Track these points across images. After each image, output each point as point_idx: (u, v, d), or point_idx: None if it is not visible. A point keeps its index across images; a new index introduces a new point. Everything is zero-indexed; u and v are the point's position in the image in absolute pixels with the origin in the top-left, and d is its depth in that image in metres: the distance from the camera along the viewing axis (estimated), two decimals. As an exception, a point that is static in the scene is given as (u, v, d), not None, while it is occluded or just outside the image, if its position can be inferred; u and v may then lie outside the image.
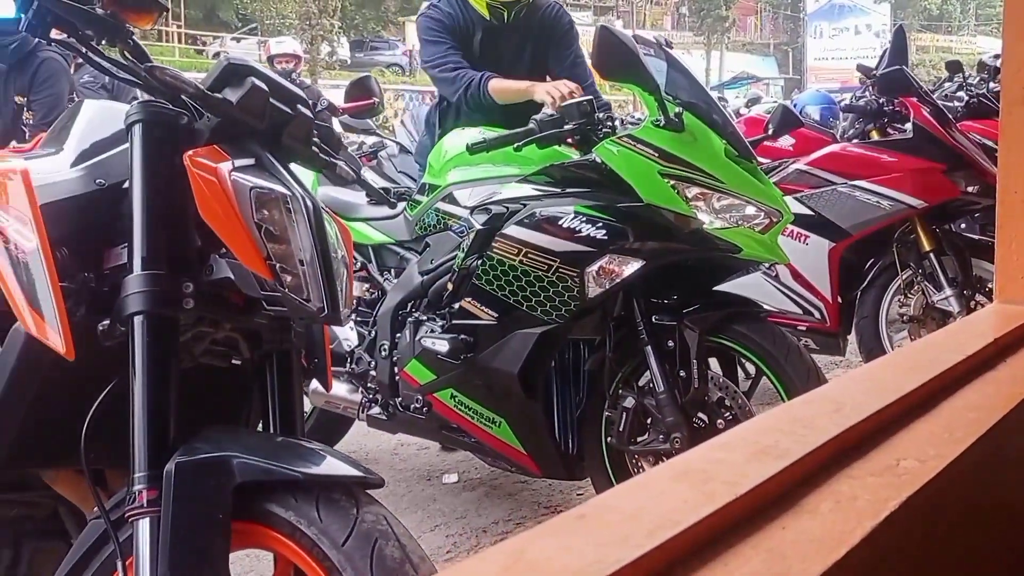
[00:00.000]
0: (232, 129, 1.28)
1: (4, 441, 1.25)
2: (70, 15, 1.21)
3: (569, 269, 2.10)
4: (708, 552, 0.57)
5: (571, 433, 2.36)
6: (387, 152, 4.46)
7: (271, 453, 1.13)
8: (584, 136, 2.24)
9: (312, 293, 1.21)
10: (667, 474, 0.66)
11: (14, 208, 1.23)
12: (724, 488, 0.62)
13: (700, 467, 0.66)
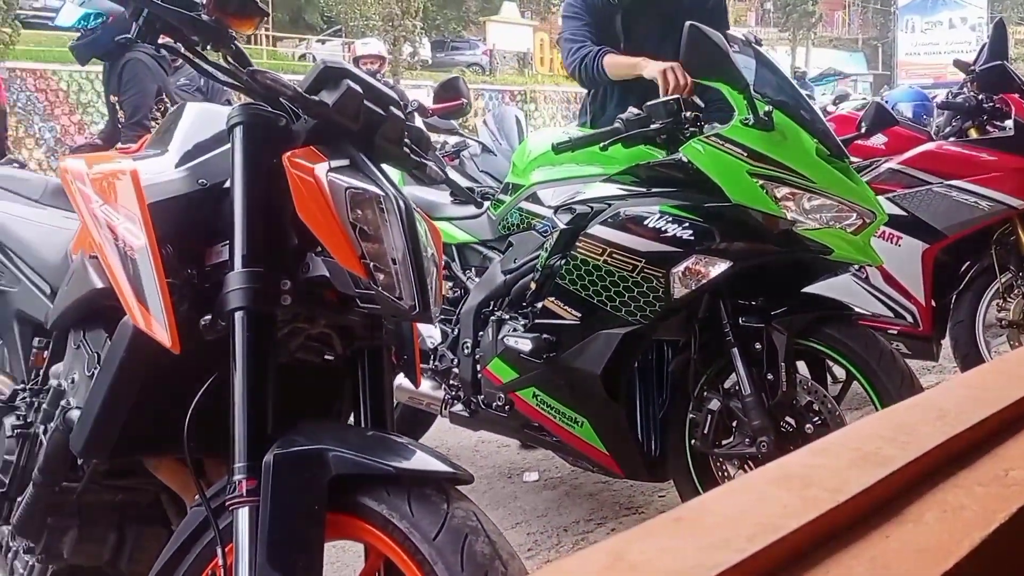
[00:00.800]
0: (328, 130, 1.32)
1: (113, 430, 1.31)
2: (178, 22, 1.25)
3: (654, 269, 2.09)
4: (809, 559, 0.56)
5: (654, 434, 2.35)
6: (469, 152, 4.48)
7: (364, 447, 1.15)
8: (670, 135, 2.22)
9: (404, 291, 1.23)
10: (765, 478, 0.65)
11: (124, 207, 1.29)
12: (825, 494, 0.61)
13: (799, 472, 0.65)
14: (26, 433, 1.56)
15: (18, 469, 1.55)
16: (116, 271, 1.27)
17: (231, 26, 1.30)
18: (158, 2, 1.25)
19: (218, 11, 1.27)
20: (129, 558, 1.54)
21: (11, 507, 1.56)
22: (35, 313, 1.74)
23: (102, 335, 1.43)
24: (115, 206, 1.30)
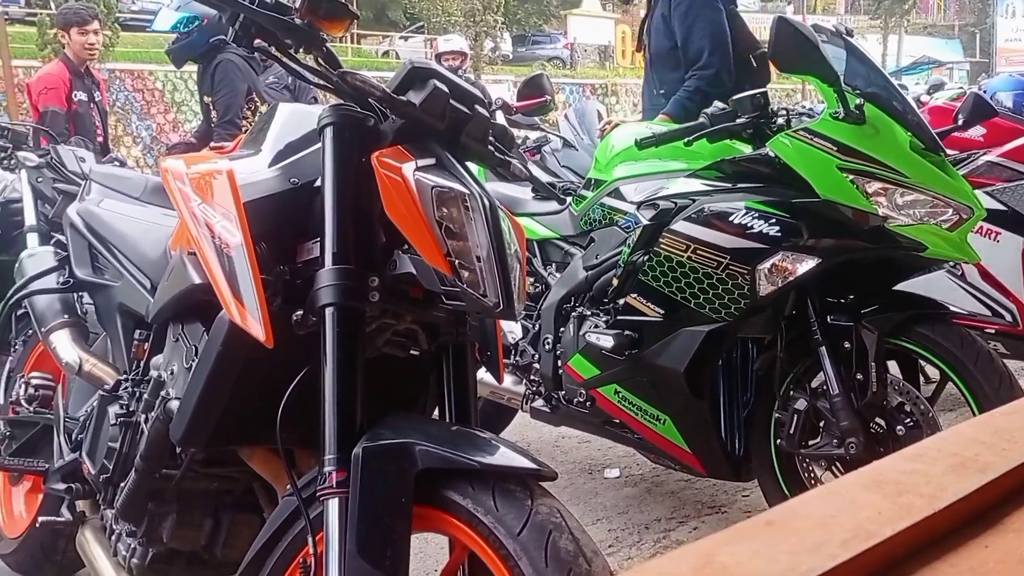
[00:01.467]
0: (415, 129, 1.34)
1: (210, 421, 1.36)
2: (272, 26, 1.29)
3: (740, 266, 2.06)
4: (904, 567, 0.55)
5: (738, 433, 2.31)
6: (551, 147, 4.49)
7: (450, 442, 1.17)
8: (757, 130, 2.18)
9: (488, 289, 1.25)
10: (858, 483, 0.64)
11: (221, 206, 1.33)
12: (921, 501, 0.60)
13: (894, 477, 0.64)
14: (129, 421, 1.63)
15: (121, 456, 1.62)
16: (213, 268, 1.31)
17: (322, 29, 1.33)
18: (253, 7, 1.29)
19: (310, 15, 1.31)
20: (224, 543, 1.60)
21: (115, 492, 1.64)
22: (136, 306, 1.82)
23: (199, 328, 1.48)
24: (212, 205, 1.35)
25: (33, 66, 15.30)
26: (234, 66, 4.08)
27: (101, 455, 1.67)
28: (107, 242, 1.96)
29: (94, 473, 1.69)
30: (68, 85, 4.30)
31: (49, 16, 15.30)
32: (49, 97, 4.24)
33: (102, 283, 1.94)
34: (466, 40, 16.39)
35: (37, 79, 4.48)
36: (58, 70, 4.42)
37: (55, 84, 4.28)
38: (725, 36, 3.03)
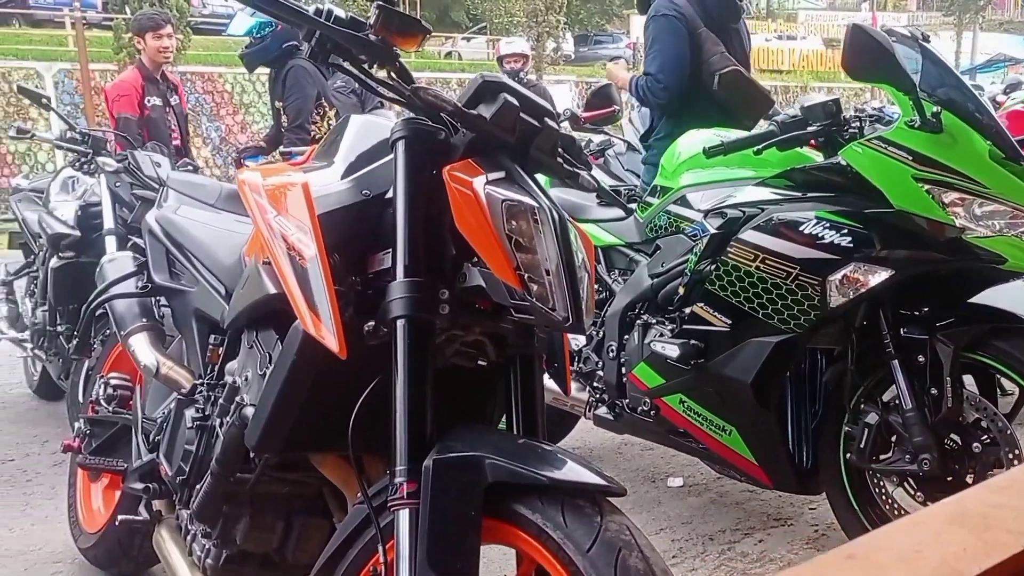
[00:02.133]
0: (485, 143, 1.34)
1: (283, 427, 1.39)
2: (347, 42, 1.32)
3: (810, 277, 2.03)
4: (993, 608, 0.54)
5: (806, 446, 2.28)
6: (614, 150, 4.46)
7: (519, 456, 1.18)
8: (828, 138, 2.15)
9: (557, 302, 1.25)
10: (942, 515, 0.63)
11: (295, 218, 1.36)
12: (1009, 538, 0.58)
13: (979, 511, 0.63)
14: (204, 425, 1.67)
15: (197, 458, 1.67)
16: (288, 279, 1.34)
17: (396, 44, 1.34)
18: (330, 24, 1.31)
19: (384, 31, 1.33)
20: (295, 547, 1.63)
21: (191, 493, 1.68)
22: (211, 312, 1.86)
23: (273, 336, 1.51)
24: (288, 217, 1.38)
25: (109, 69, 15.80)
26: (305, 72, 4.16)
27: (178, 457, 1.71)
28: (183, 248, 2.02)
29: (171, 475, 1.74)
30: (140, 91, 4.41)
31: (124, 21, 15.78)
32: (122, 104, 4.36)
33: (178, 288, 2.00)
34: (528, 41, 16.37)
35: (112, 86, 4.60)
36: (131, 77, 4.53)
37: (127, 91, 4.40)
38: (678, 60, 3.08)
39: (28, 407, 4.15)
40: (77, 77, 15.14)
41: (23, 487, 3.12)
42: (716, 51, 3.07)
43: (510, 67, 7.06)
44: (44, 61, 15.47)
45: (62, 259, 3.37)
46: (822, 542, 2.47)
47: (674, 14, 3.07)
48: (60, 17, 18.44)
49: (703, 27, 3.09)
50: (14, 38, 17.06)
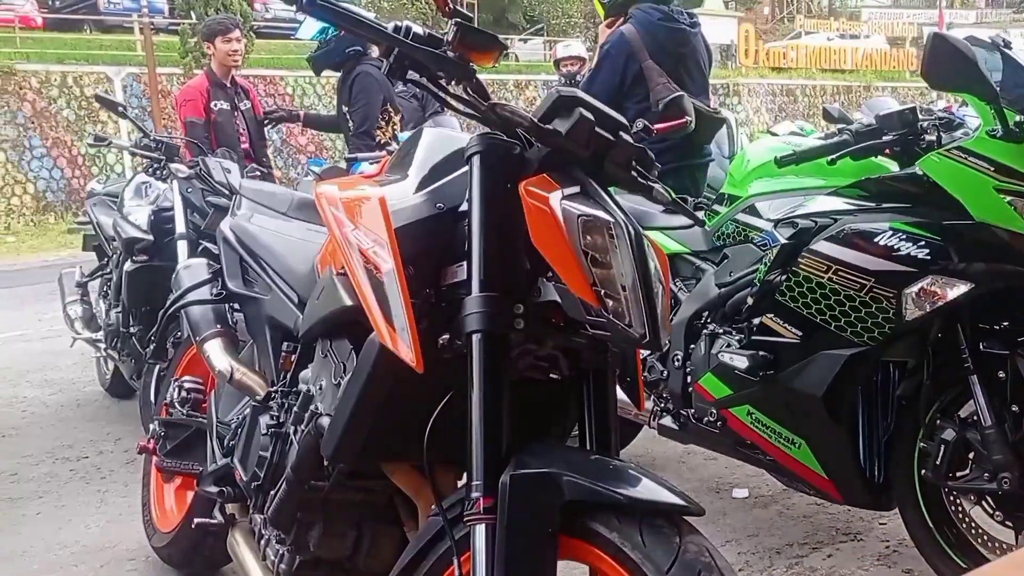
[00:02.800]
0: (560, 157, 1.34)
1: (359, 438, 1.41)
2: (426, 60, 1.33)
3: (885, 290, 1.99)
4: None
5: (877, 460, 2.23)
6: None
7: (596, 473, 1.17)
8: (904, 147, 2.10)
9: (634, 319, 1.24)
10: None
11: (373, 232, 1.38)
12: None
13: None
14: (279, 432, 1.70)
15: (271, 465, 1.70)
16: (365, 292, 1.36)
17: (473, 60, 1.35)
18: (408, 42, 1.33)
19: (462, 47, 1.33)
20: (366, 554, 1.66)
21: (265, 498, 1.72)
22: (284, 320, 1.90)
23: (347, 346, 1.53)
24: (365, 230, 1.39)
25: (175, 73, 16.20)
26: (372, 78, 4.20)
27: (252, 463, 1.75)
28: (257, 257, 2.06)
29: (245, 480, 1.77)
30: (207, 95, 4.50)
31: (191, 26, 16.15)
32: (188, 108, 4.46)
33: (252, 296, 2.04)
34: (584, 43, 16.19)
35: (181, 92, 4.74)
36: (198, 82, 4.64)
37: (194, 96, 4.50)
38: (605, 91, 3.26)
39: (100, 405, 4.28)
40: (144, 81, 15.54)
41: (98, 484, 3.21)
42: (660, 81, 3.28)
43: (567, 70, 7.06)
44: (113, 65, 15.92)
45: (136, 263, 3.47)
46: (893, 558, 2.41)
47: (617, 51, 3.33)
48: (129, 22, 18.96)
49: (648, 60, 3.30)
50: (85, 43, 17.58)
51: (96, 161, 15.44)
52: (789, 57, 26.38)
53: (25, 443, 3.71)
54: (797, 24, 31.86)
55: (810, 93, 25.45)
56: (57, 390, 4.57)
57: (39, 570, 2.55)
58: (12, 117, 14.81)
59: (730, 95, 23.98)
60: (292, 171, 17.01)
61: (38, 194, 14.88)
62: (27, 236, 13.81)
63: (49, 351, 5.44)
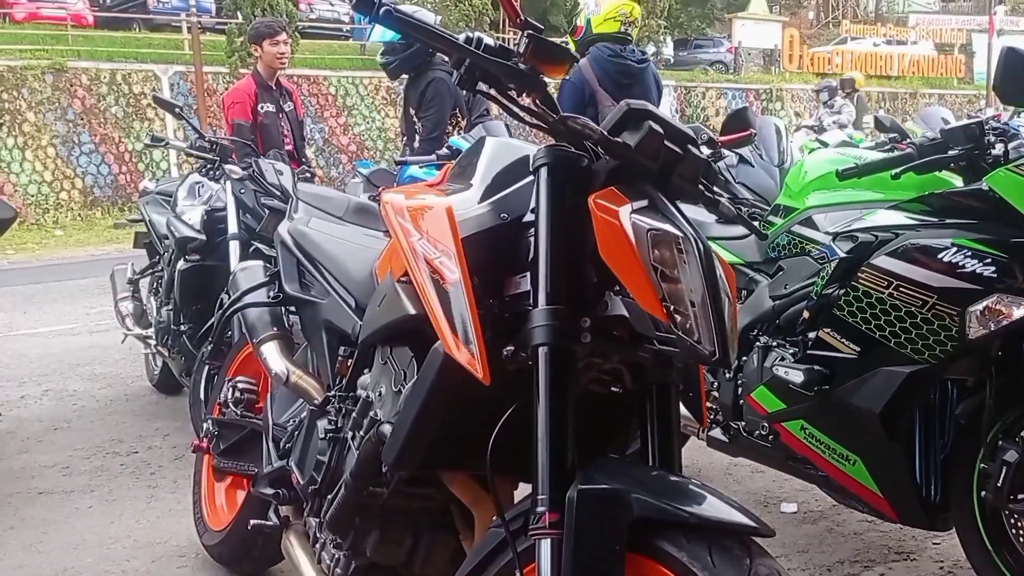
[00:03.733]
0: (627, 170, 1.34)
1: (421, 446, 1.41)
2: (497, 71, 1.33)
3: (948, 307, 1.95)
4: None
5: (934, 479, 2.19)
6: (725, 162, 4.38)
7: (664, 491, 1.16)
8: (970, 162, 2.06)
9: (703, 336, 1.23)
10: None
11: (440, 242, 1.38)
12: None
13: None
14: (337, 437, 1.71)
15: (329, 469, 1.71)
16: (432, 302, 1.36)
17: (544, 72, 1.35)
18: (480, 53, 1.33)
19: (534, 59, 1.33)
20: (422, 561, 1.66)
21: (321, 502, 1.73)
22: (341, 324, 1.91)
23: (407, 354, 1.53)
24: (431, 240, 1.40)
25: (221, 72, 16.43)
26: (445, 85, 4.21)
27: (310, 467, 1.76)
28: (315, 261, 2.07)
29: (302, 483, 1.79)
30: (254, 98, 4.54)
31: (237, 26, 16.36)
32: (236, 111, 4.51)
33: (309, 299, 2.06)
34: (629, 46, 15.96)
35: (228, 94, 4.75)
36: (245, 84, 4.67)
37: (241, 98, 4.54)
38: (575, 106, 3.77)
39: (148, 400, 4.35)
40: (191, 80, 15.79)
41: (147, 479, 3.26)
42: (607, 104, 3.80)
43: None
44: (161, 63, 16.18)
45: (188, 261, 3.52)
46: (947, 580, 2.37)
47: (575, 79, 3.93)
48: (177, 21, 19.25)
49: (599, 88, 3.90)
50: (134, 41, 17.87)
51: (143, 158, 15.70)
52: (834, 62, 26.04)
53: (76, 436, 3.79)
54: (843, 29, 31.46)
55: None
56: (106, 384, 4.65)
57: (92, 563, 2.60)
58: (63, 113, 15.11)
59: (772, 100, 23.75)
60: (333, 170, 17.16)
61: (86, 189, 15.17)
62: (74, 230, 14.09)
63: (98, 345, 5.55)
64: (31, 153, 14.58)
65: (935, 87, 27.23)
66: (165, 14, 19.96)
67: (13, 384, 4.62)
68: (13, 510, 3.00)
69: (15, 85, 14.79)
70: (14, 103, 14.76)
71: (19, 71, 14.91)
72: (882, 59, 26.94)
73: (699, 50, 27.15)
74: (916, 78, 26.97)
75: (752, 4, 27.79)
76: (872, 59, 26.75)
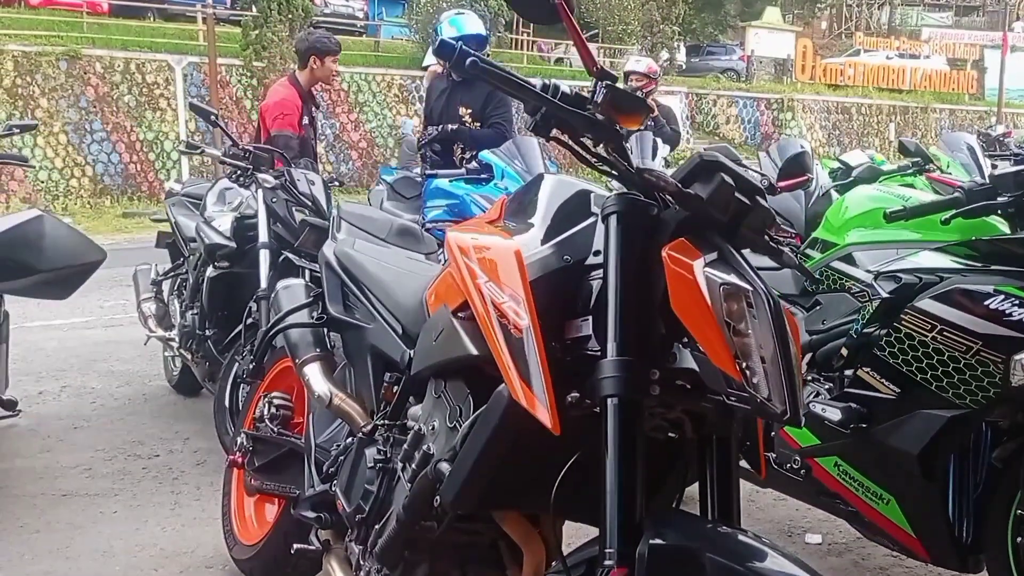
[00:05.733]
0: (697, 221, 1.34)
1: (480, 487, 1.42)
2: (574, 121, 1.33)
3: (992, 354, 1.95)
4: None
5: (967, 520, 2.19)
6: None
7: (738, 553, 1.17)
8: (1019, 208, 2.07)
9: (774, 394, 1.23)
10: None
11: (508, 286, 1.38)
12: None
13: None
14: (386, 468, 1.72)
15: (378, 500, 1.72)
16: (500, 347, 1.36)
17: (619, 123, 1.36)
18: (556, 102, 1.33)
19: (610, 109, 1.34)
20: None
21: (368, 531, 1.73)
22: (388, 350, 1.91)
23: (464, 390, 1.54)
24: (499, 284, 1.40)
25: (235, 64, 16.43)
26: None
27: (357, 496, 1.77)
28: (361, 284, 2.08)
29: (349, 511, 1.79)
30: (300, 111, 4.51)
31: (253, 18, 16.36)
32: (284, 122, 4.41)
33: (354, 323, 2.06)
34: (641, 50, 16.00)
35: (273, 104, 4.56)
36: (291, 95, 4.54)
37: (290, 110, 4.45)
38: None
39: (168, 401, 4.35)
40: (205, 71, 15.77)
41: (170, 485, 3.27)
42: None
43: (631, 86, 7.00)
44: (175, 54, 16.15)
45: (217, 268, 3.52)
46: (973, 619, 2.37)
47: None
48: (192, 12, 19.23)
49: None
50: (149, 30, 17.87)
51: (154, 147, 15.71)
52: (846, 74, 26.07)
53: (97, 436, 3.79)
54: (856, 41, 31.45)
55: (866, 112, 25.11)
56: (124, 382, 4.66)
57: (120, 571, 2.61)
58: (76, 100, 15.11)
59: (784, 110, 23.74)
60: (343, 166, 17.15)
61: (96, 177, 15.16)
62: (83, 218, 14.07)
63: (113, 340, 5.55)
64: (43, 139, 14.57)
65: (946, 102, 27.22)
66: (180, 4, 19.93)
67: (31, 379, 4.63)
68: (39, 512, 3.01)
69: (29, 71, 14.79)
70: (27, 88, 14.75)
71: (33, 56, 14.91)
72: (894, 72, 26.94)
73: (711, 57, 27.14)
74: (928, 93, 26.97)
75: (766, 13, 27.77)
76: (884, 72, 26.75)
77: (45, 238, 2.92)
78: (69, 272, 3.04)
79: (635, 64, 7.36)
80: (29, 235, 2.90)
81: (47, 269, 2.95)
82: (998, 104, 26.00)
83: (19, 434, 3.79)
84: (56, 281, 3.04)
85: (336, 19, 21.51)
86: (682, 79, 23.24)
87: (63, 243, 2.99)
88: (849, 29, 35.20)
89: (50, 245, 2.93)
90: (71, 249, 3.02)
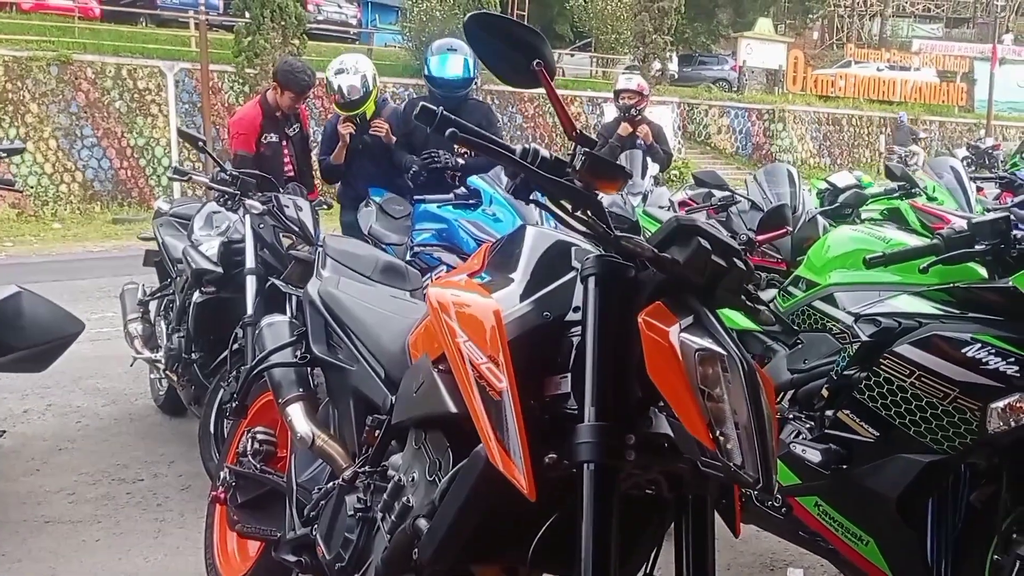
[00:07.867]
0: (674, 284, 1.36)
1: (457, 545, 1.43)
2: (552, 188, 1.35)
3: (969, 401, 1.97)
4: None
5: (945, 562, 2.21)
6: (737, 208, 4.41)
7: None
8: (996, 256, 2.09)
9: (747, 462, 1.24)
10: None
11: (487, 347, 1.39)
12: None
13: None
14: (366, 517, 1.73)
15: (357, 549, 1.72)
16: (478, 408, 1.37)
17: (599, 189, 1.37)
18: (535, 169, 1.35)
19: (589, 176, 1.35)
20: None
21: (347, 580, 1.74)
22: (370, 394, 1.92)
23: (443, 443, 1.54)
24: (479, 344, 1.41)
25: (227, 70, 16.40)
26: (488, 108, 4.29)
27: (337, 543, 1.77)
28: (345, 326, 2.08)
29: (328, 559, 1.80)
30: (258, 129, 4.53)
31: (245, 25, 16.33)
32: (239, 142, 4.52)
33: (337, 363, 2.07)
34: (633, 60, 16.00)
35: (234, 121, 4.65)
36: (252, 114, 4.60)
37: (246, 129, 4.52)
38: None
39: (153, 422, 4.34)
40: (197, 77, 15.76)
41: (154, 512, 3.27)
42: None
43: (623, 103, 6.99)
44: (167, 60, 16.12)
45: (204, 294, 3.52)
46: (951, 658, 2.39)
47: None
48: (184, 17, 19.20)
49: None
50: (141, 36, 17.83)
51: (144, 154, 15.67)
52: (837, 85, 26.20)
53: (81, 459, 3.79)
54: (847, 52, 31.61)
55: (856, 123, 25.25)
56: (110, 400, 4.65)
57: (102, 604, 2.61)
58: (66, 106, 15.08)
59: (775, 121, 23.84)
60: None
61: (86, 183, 15.13)
62: (73, 224, 14.05)
63: (99, 356, 5.52)
64: (32, 144, 14.53)
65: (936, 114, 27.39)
66: (172, 9, 19.90)
67: (16, 397, 4.62)
68: (20, 539, 3.01)
69: (20, 76, 14.76)
70: (18, 93, 14.72)
71: (24, 61, 14.88)
72: (885, 84, 27.11)
73: (703, 67, 27.25)
74: (918, 104, 27.13)
75: (758, 24, 27.89)
76: (875, 84, 26.91)
77: (23, 316, 2.85)
78: (47, 348, 2.95)
79: (626, 82, 7.36)
80: (7, 313, 2.83)
81: (25, 347, 2.87)
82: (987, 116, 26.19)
83: (3, 455, 3.78)
84: (32, 357, 2.96)
85: (329, 26, 21.51)
86: (674, 89, 23.32)
87: (41, 319, 2.91)
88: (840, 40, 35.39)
89: (28, 323, 2.86)
90: (48, 325, 2.94)
